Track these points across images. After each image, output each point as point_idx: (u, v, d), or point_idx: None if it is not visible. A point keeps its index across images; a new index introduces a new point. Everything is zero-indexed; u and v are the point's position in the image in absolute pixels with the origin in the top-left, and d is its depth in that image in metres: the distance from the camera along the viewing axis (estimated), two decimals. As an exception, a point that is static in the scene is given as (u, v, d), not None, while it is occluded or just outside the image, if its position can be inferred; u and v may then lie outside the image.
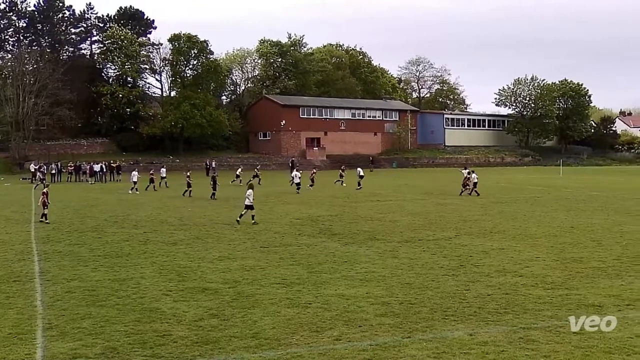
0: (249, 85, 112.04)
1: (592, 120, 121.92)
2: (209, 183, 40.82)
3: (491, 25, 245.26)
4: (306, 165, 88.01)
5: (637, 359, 10.24)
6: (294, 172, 47.06)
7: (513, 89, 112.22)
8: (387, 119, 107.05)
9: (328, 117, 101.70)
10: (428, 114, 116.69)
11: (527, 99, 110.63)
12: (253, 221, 26.87)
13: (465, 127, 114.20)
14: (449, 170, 78.57)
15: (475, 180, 41.47)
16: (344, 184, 49.59)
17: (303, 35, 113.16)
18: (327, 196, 41.35)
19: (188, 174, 43.95)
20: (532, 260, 18.70)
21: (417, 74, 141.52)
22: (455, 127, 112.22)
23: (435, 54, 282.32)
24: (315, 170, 52.16)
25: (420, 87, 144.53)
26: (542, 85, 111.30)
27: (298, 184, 44.72)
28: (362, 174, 48.85)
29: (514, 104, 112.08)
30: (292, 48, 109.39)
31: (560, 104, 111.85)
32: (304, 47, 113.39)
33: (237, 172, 55.63)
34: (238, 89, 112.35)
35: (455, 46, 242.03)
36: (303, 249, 20.73)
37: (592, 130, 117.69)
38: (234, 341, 11.15)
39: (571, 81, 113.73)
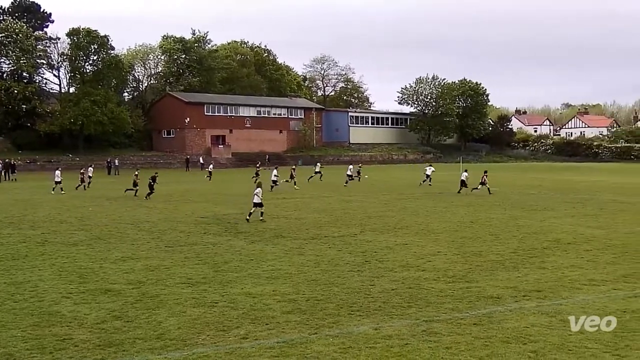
0: (152, 82, 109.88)
1: (490, 119, 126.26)
2: (147, 182, 39.63)
3: (395, 25, 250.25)
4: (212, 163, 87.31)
5: (532, 347, 10.68)
6: (273, 171, 46.08)
7: (415, 87, 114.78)
8: (293, 116, 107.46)
9: (233, 114, 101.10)
10: (333, 112, 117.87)
11: (429, 97, 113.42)
12: (261, 218, 27.02)
13: (370, 125, 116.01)
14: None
15: (463, 179, 42.04)
16: (297, 187, 47.90)
17: (207, 32, 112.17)
18: (234, 194, 41.06)
19: (136, 173, 43.11)
20: (434, 255, 19.21)
21: (322, 72, 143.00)
22: (359, 125, 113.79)
23: (339, 53, 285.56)
24: (295, 167, 52.89)
25: (325, 85, 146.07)
26: (442, 84, 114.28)
27: (274, 182, 44.25)
28: (318, 169, 50.42)
29: (416, 103, 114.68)
30: (196, 44, 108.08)
31: (460, 103, 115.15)
32: (209, 43, 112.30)
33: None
34: (141, 86, 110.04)
35: (359, 45, 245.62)
36: (209, 248, 20.51)
37: (490, 128, 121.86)
38: (139, 343, 10.91)
39: (470, 80, 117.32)
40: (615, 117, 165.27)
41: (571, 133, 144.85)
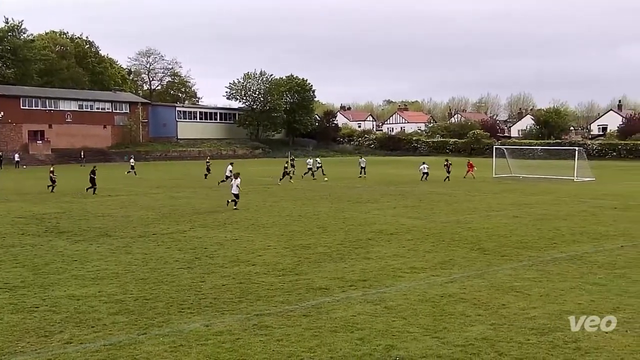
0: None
1: (317, 114, 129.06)
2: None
3: (221, 19, 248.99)
4: (30, 160, 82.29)
5: (359, 334, 11.10)
6: (228, 167, 43.13)
7: (243, 83, 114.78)
8: (118, 111, 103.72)
9: (53, 108, 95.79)
10: (160, 106, 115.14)
11: (257, 93, 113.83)
12: (235, 207, 29.56)
13: (198, 120, 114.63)
14: (182, 164, 78.30)
15: (425, 171, 47.60)
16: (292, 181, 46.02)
17: (22, 21, 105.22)
18: (54, 193, 38.98)
19: (51, 169, 41.57)
20: (264, 249, 19.40)
21: (148, 66, 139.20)
22: (187, 120, 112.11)
23: (165, 46, 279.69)
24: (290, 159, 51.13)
25: (151, 79, 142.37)
26: (270, 80, 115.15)
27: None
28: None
29: (245, 98, 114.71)
30: (9, 34, 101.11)
31: (288, 99, 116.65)
32: (24, 33, 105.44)
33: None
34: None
35: (185, 39, 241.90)
36: (27, 250, 19.37)
37: (317, 124, 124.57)
38: (-52, 355, 10.11)
39: (297, 77, 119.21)
40: (432, 113, 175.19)
41: (392, 128, 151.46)
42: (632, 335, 11.07)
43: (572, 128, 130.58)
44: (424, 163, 51.36)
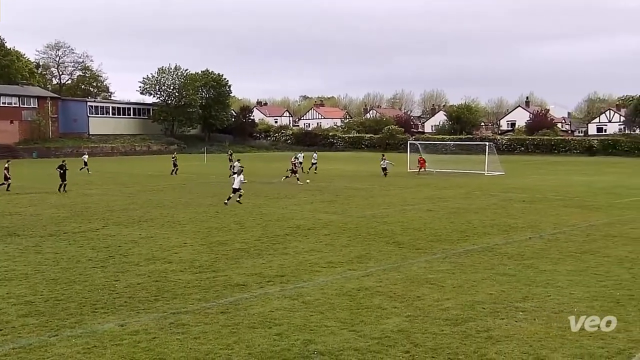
0: None
1: (233, 110, 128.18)
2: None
3: (139, 13, 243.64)
4: None
5: (277, 329, 11.11)
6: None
7: (157, 78, 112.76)
8: (25, 106, 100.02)
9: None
10: (70, 101, 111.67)
11: (172, 88, 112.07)
12: (233, 201, 29.78)
13: (111, 115, 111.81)
14: (94, 160, 76.14)
15: (384, 165, 48.38)
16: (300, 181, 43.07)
17: None
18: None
19: (7, 165, 39.16)
20: (180, 246, 19.14)
21: (57, 59, 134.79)
22: (100, 116, 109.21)
23: (77, 40, 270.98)
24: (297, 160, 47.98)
25: (61, 73, 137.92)
26: (185, 75, 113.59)
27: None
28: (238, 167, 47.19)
29: (159, 93, 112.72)
30: None
31: (203, 94, 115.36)
32: None
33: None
34: None
35: (99, 32, 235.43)
36: None
37: (233, 119, 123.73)
38: None
39: (212, 72, 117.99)
40: (347, 109, 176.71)
41: (309, 124, 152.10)
42: (539, 323, 11.51)
43: (483, 124, 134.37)
44: (384, 158, 51.10)
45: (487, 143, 58.43)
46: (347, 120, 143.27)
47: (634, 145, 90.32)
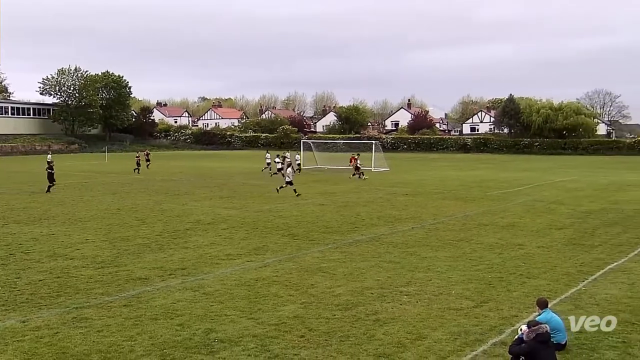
0: None
1: (134, 110, 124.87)
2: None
3: (39, 13, 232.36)
4: None
5: (179, 320, 10.95)
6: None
7: (57, 78, 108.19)
8: None
9: None
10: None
11: (72, 88, 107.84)
12: (295, 191, 30.83)
13: (10, 115, 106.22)
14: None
15: (298, 162, 47.96)
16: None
17: None
18: None
19: None
20: (82, 243, 18.49)
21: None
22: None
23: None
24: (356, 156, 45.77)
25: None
26: (86, 76, 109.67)
27: None
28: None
29: (59, 94, 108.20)
30: None
31: (104, 94, 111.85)
32: None
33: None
34: None
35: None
36: None
37: (134, 119, 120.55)
38: None
39: (113, 73, 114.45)
40: (244, 110, 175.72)
41: (207, 124, 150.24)
42: (421, 305, 11.90)
43: (369, 124, 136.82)
44: (297, 155, 51.00)
45: (373, 142, 59.61)
46: (244, 120, 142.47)
47: (502, 143, 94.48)
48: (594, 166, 57.84)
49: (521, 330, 8.63)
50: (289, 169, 32.87)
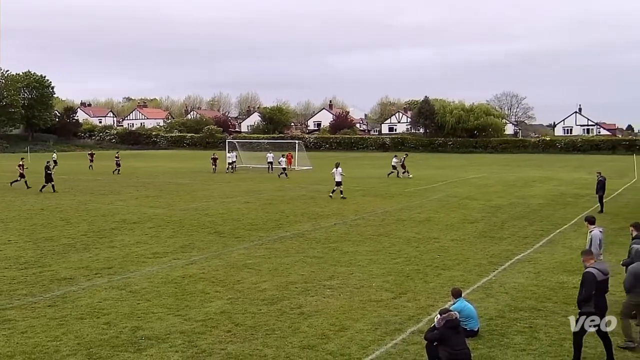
0: None
1: (57, 110, 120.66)
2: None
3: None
4: None
5: (106, 319, 10.66)
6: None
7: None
8: None
9: None
10: None
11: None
12: (342, 196, 29.04)
13: None
14: None
15: (270, 160, 47.28)
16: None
17: None
18: None
19: None
20: (4, 244, 17.74)
21: None
22: None
23: None
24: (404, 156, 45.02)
25: None
26: (7, 75, 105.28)
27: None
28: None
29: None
30: None
31: (26, 94, 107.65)
32: None
33: None
34: None
35: None
36: None
37: (57, 120, 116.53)
38: None
39: (35, 73, 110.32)
40: (170, 110, 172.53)
41: (133, 124, 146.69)
42: (344, 298, 12.02)
43: (292, 124, 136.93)
44: (269, 152, 50.31)
45: (296, 141, 59.82)
46: (170, 120, 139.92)
47: (418, 142, 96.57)
48: (503, 164, 59.95)
49: (436, 318, 8.88)
50: (339, 169, 30.24)
